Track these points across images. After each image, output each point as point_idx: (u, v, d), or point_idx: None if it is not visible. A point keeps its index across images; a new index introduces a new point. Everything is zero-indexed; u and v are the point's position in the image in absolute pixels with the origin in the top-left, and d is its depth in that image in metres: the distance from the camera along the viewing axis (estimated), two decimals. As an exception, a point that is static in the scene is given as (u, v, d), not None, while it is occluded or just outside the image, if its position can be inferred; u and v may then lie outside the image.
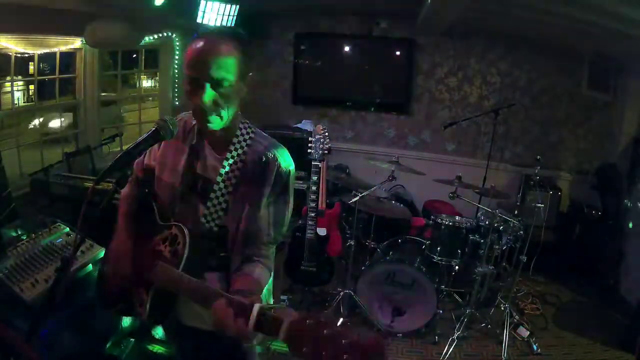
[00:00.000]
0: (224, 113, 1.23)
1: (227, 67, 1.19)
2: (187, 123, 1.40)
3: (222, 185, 1.30)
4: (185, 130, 1.38)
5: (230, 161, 1.31)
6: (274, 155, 1.32)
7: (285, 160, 1.34)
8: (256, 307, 0.98)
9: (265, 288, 1.38)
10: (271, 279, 1.47)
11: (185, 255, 1.25)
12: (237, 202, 1.31)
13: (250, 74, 1.29)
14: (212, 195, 1.31)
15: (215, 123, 1.24)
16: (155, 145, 1.37)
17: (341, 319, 0.91)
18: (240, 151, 1.32)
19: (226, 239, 1.34)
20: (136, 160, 1.36)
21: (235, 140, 1.32)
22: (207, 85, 1.18)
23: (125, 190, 1.49)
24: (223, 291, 1.12)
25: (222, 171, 1.31)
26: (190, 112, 1.28)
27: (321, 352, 0.84)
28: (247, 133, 1.35)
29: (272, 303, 1.52)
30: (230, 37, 1.23)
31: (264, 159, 1.31)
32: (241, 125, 1.35)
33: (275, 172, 1.31)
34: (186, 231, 1.27)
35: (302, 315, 0.91)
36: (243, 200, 1.31)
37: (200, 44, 1.20)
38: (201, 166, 1.36)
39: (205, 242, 1.31)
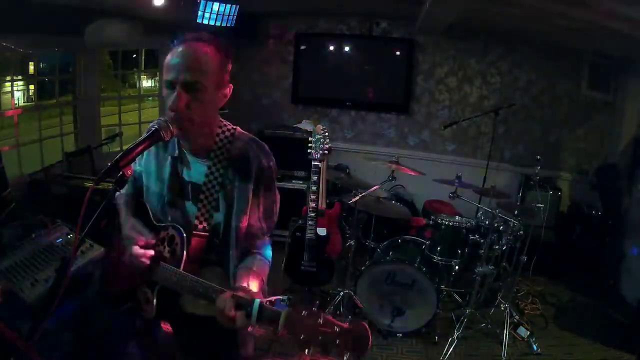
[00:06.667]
0: (196, 118, 1.24)
1: (200, 73, 1.21)
2: None
3: (209, 186, 1.34)
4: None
5: (215, 161, 1.34)
6: (254, 152, 1.36)
7: (266, 155, 1.38)
8: (256, 302, 1.09)
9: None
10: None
11: (184, 255, 1.30)
12: (225, 200, 1.36)
13: (231, 84, 1.32)
14: (202, 196, 1.35)
15: (188, 127, 1.25)
16: None
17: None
18: (222, 149, 1.35)
19: (221, 236, 1.38)
20: None
21: (217, 140, 1.35)
22: (181, 89, 1.20)
23: (120, 194, 1.52)
24: (223, 286, 1.18)
25: (207, 172, 1.34)
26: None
27: (317, 337, 0.97)
28: (227, 131, 1.38)
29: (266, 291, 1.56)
30: (211, 43, 1.25)
31: (245, 156, 1.35)
32: (221, 124, 1.38)
33: (256, 167, 1.35)
34: (183, 231, 1.32)
35: (301, 307, 1.03)
36: (231, 198, 1.35)
37: (180, 47, 1.23)
38: (186, 171, 1.40)
39: (202, 241, 1.35)
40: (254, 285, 1.28)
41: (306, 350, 0.98)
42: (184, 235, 1.31)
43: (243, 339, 1.47)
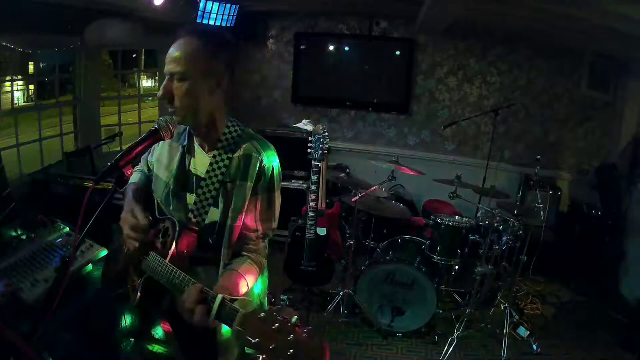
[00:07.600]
0: (178, 106, 1.26)
1: (182, 62, 1.24)
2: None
3: (209, 181, 1.35)
4: (179, 130, 1.41)
5: (217, 158, 1.36)
6: (257, 152, 1.37)
7: (269, 157, 1.39)
8: (219, 297, 1.08)
9: (259, 284, 1.44)
10: (266, 278, 1.53)
11: (172, 248, 1.30)
12: (224, 197, 1.37)
13: (225, 78, 1.32)
14: (200, 191, 1.36)
15: (178, 115, 1.27)
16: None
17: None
18: (226, 148, 1.36)
19: (215, 234, 1.38)
20: (143, 156, 1.49)
21: (222, 138, 1.37)
22: (168, 78, 1.25)
23: (134, 178, 1.55)
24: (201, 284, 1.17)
25: (209, 167, 1.36)
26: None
27: (270, 344, 0.94)
28: (235, 131, 1.39)
29: (266, 302, 1.57)
30: (200, 35, 1.27)
31: (248, 155, 1.36)
32: (229, 124, 1.39)
33: (258, 168, 1.35)
34: (177, 225, 1.33)
35: (260, 310, 1.00)
36: (229, 195, 1.36)
37: (175, 42, 1.27)
38: (192, 164, 1.42)
39: (195, 236, 1.36)
40: (237, 283, 1.28)
41: (260, 356, 0.96)
42: (177, 229, 1.33)
43: (224, 348, 1.43)
